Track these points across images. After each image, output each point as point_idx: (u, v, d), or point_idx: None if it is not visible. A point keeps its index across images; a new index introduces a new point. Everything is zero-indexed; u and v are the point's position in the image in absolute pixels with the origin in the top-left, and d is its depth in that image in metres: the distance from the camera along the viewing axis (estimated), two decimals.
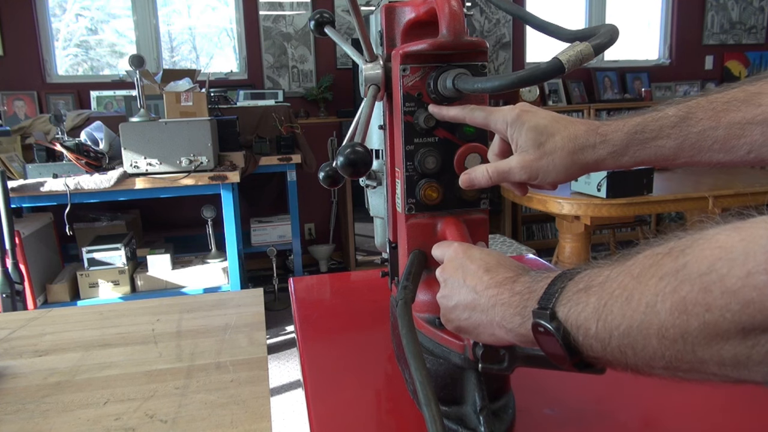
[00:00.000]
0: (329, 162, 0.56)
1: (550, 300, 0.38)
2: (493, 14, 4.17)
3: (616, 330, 0.33)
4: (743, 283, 0.27)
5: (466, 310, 0.46)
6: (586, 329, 0.35)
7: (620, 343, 0.33)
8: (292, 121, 3.20)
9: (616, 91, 4.44)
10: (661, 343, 0.31)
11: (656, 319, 0.31)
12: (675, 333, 0.30)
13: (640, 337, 0.32)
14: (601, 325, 0.34)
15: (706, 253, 0.29)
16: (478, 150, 0.56)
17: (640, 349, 0.32)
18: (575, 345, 0.36)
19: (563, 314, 0.37)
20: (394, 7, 0.61)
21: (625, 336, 0.33)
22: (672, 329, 0.30)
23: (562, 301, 0.37)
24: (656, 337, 0.31)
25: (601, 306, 0.34)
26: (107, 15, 3.75)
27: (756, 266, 0.26)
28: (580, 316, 0.36)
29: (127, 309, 1.02)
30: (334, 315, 0.93)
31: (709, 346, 0.29)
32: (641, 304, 0.32)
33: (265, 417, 0.64)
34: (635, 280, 0.33)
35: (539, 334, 0.38)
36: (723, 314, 0.28)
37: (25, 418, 0.66)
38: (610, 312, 0.33)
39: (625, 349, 0.33)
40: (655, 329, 0.31)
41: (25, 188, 2.30)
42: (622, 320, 0.33)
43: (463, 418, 0.55)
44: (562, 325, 0.36)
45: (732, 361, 0.28)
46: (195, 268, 2.78)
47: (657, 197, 2.23)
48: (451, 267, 0.49)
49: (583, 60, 0.41)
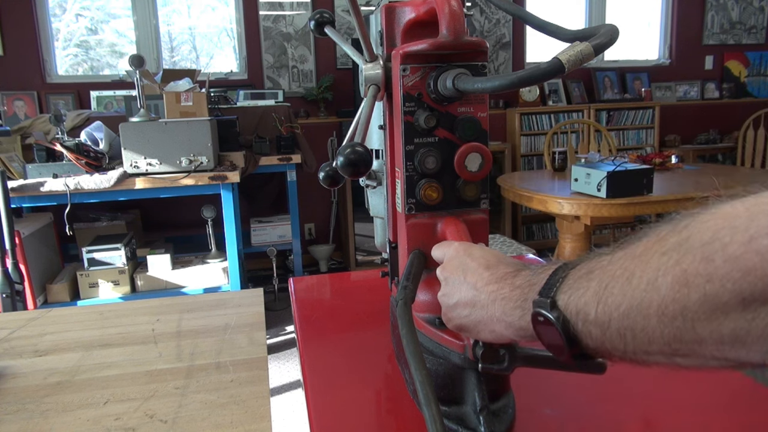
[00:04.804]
0: (329, 162, 0.56)
1: (551, 289, 0.37)
2: (493, 14, 4.17)
3: (616, 311, 0.33)
4: (745, 248, 0.26)
5: (467, 308, 0.46)
6: (585, 314, 0.35)
7: (620, 325, 0.33)
8: (292, 121, 3.20)
9: (616, 91, 4.44)
10: (660, 322, 0.30)
11: (657, 295, 0.30)
12: (675, 309, 0.29)
13: (640, 316, 0.31)
14: (602, 308, 0.34)
15: (709, 224, 0.29)
16: (479, 150, 0.56)
17: (639, 330, 0.32)
18: (574, 333, 0.36)
19: (563, 302, 0.36)
20: (394, 7, 0.61)
21: (625, 317, 0.32)
22: (672, 305, 0.29)
23: (563, 289, 0.37)
24: (656, 315, 0.30)
25: (602, 288, 0.34)
26: (107, 15, 3.75)
27: (759, 230, 0.26)
28: (581, 300, 0.35)
29: (127, 309, 1.02)
30: (334, 315, 0.93)
31: (708, 321, 0.28)
32: (642, 282, 0.31)
33: (265, 417, 0.64)
34: (637, 259, 0.32)
35: (539, 324, 0.38)
36: (724, 284, 0.27)
37: (25, 418, 0.65)
38: (611, 293, 0.33)
39: (624, 332, 0.33)
40: (656, 306, 0.30)
41: (25, 188, 2.30)
42: (623, 300, 0.32)
43: (463, 418, 0.55)
44: (561, 314, 0.36)
45: (731, 338, 0.28)
46: (195, 268, 2.78)
47: (657, 197, 2.23)
48: (452, 265, 0.49)
49: (584, 60, 0.41)
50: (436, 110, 0.55)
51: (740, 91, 4.74)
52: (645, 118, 4.33)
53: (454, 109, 0.56)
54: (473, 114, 0.56)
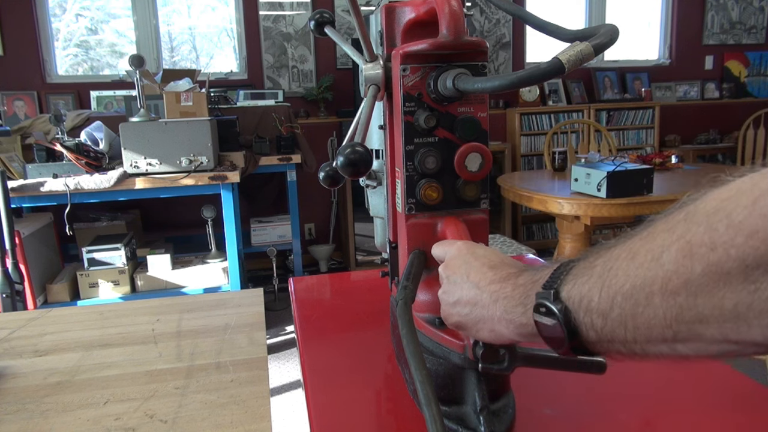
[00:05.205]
0: (329, 162, 0.56)
1: (555, 281, 0.37)
2: (493, 14, 4.17)
3: (618, 293, 0.32)
4: (749, 211, 0.26)
5: (468, 306, 0.45)
6: (588, 300, 0.34)
7: (621, 311, 0.32)
8: (292, 121, 3.20)
9: (616, 91, 4.44)
10: (663, 300, 0.30)
11: (661, 270, 0.30)
12: (678, 283, 0.29)
13: (643, 295, 0.31)
14: (605, 292, 0.33)
15: (715, 195, 0.28)
16: (479, 150, 0.56)
17: (641, 312, 0.31)
18: (575, 324, 0.35)
19: (567, 291, 0.36)
20: (394, 7, 0.61)
21: (628, 298, 0.32)
22: (675, 278, 0.29)
23: (567, 279, 0.37)
24: (660, 292, 0.30)
25: (606, 271, 0.33)
26: (107, 15, 3.75)
27: (763, 192, 0.26)
28: (584, 287, 0.35)
29: (127, 309, 1.02)
30: (334, 315, 0.93)
31: (711, 295, 0.28)
32: (646, 260, 0.31)
33: (265, 417, 0.64)
34: (643, 239, 0.32)
35: (540, 316, 0.37)
36: (727, 251, 0.27)
37: (25, 418, 0.65)
38: (615, 275, 0.33)
39: (625, 317, 0.32)
40: (660, 282, 0.30)
41: (25, 188, 2.30)
42: (626, 280, 0.32)
43: (463, 418, 0.55)
44: (563, 304, 0.36)
45: (732, 314, 0.28)
46: (195, 268, 2.78)
47: (657, 197, 2.23)
48: (455, 264, 0.49)
49: (584, 60, 0.41)
50: (436, 110, 0.55)
51: (740, 91, 4.74)
52: (645, 118, 4.33)
53: (454, 109, 0.56)
54: (473, 114, 0.56)
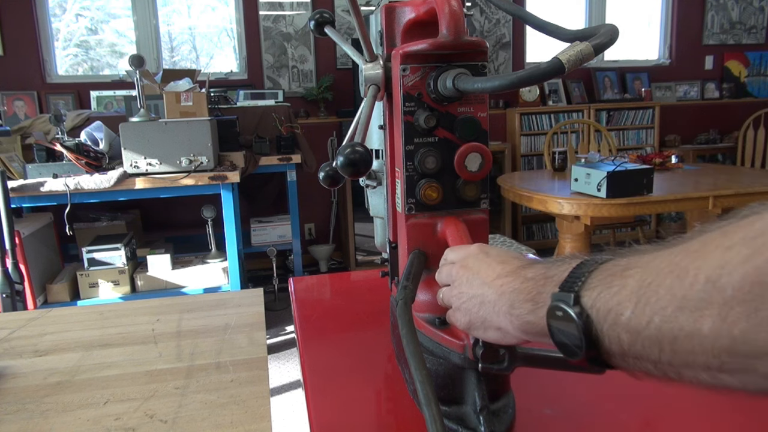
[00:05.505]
0: (329, 162, 0.56)
1: (576, 283, 0.34)
2: (493, 14, 4.17)
3: (659, 314, 0.28)
4: None
5: (476, 303, 0.45)
6: (617, 314, 0.31)
7: (659, 332, 0.29)
8: (292, 121, 3.20)
9: (616, 91, 4.44)
10: (716, 328, 0.26)
11: (719, 296, 0.26)
12: (741, 311, 0.25)
13: (691, 320, 0.27)
14: (640, 309, 0.30)
15: None
16: (479, 150, 0.56)
17: (685, 336, 0.27)
18: (596, 335, 0.32)
19: (590, 298, 0.33)
20: (394, 7, 0.61)
21: (671, 320, 0.28)
22: (739, 306, 0.25)
23: (590, 284, 0.34)
24: (717, 317, 0.26)
25: (645, 285, 0.30)
26: (107, 15, 3.75)
27: None
28: (613, 299, 0.31)
29: (127, 309, 1.02)
30: (334, 315, 0.93)
31: None
32: (699, 280, 0.27)
33: (265, 417, 0.64)
34: (693, 254, 0.28)
35: (555, 320, 0.35)
36: None
37: (25, 418, 0.65)
38: (655, 293, 0.29)
39: (662, 339, 0.29)
40: (717, 308, 0.26)
41: (25, 188, 2.30)
42: (671, 300, 0.28)
43: (463, 418, 0.55)
44: (585, 311, 0.33)
45: None
46: (195, 268, 2.78)
47: (657, 197, 2.23)
48: (467, 264, 0.48)
49: (583, 60, 0.41)
50: (436, 110, 0.55)
51: (740, 91, 4.74)
52: (645, 118, 4.33)
53: (454, 109, 0.56)
54: (473, 114, 0.56)
